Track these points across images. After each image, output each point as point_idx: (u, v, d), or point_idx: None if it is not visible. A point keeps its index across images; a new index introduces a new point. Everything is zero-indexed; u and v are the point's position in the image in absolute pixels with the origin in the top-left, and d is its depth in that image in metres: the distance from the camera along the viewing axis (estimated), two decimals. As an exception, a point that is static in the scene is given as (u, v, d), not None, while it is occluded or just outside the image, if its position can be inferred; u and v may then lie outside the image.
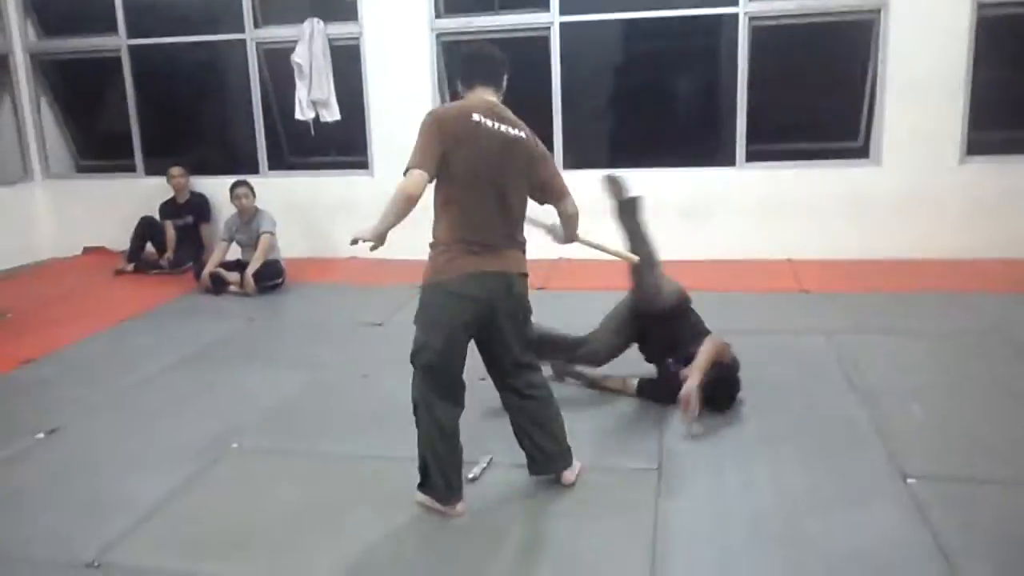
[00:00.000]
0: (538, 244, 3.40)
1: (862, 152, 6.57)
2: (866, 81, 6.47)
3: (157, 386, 4.51)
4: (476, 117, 2.91)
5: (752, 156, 6.67)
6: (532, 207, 3.09)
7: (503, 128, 2.94)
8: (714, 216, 6.68)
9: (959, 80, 6.16)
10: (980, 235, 6.26)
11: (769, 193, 6.59)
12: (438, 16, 6.88)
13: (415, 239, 6.47)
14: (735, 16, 6.39)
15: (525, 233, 3.10)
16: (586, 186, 4.13)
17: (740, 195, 6.64)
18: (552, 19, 6.60)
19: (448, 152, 2.86)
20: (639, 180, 6.63)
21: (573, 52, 6.74)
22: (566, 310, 5.30)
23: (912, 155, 6.31)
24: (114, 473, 3.50)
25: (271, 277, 6.41)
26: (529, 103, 6.86)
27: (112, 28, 7.48)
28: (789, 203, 6.58)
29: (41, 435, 3.86)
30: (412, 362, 3.03)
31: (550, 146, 6.81)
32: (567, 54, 6.71)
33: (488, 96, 3.03)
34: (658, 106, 7.27)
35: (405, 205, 2.86)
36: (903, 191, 6.34)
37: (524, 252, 3.08)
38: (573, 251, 3.79)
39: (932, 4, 6.07)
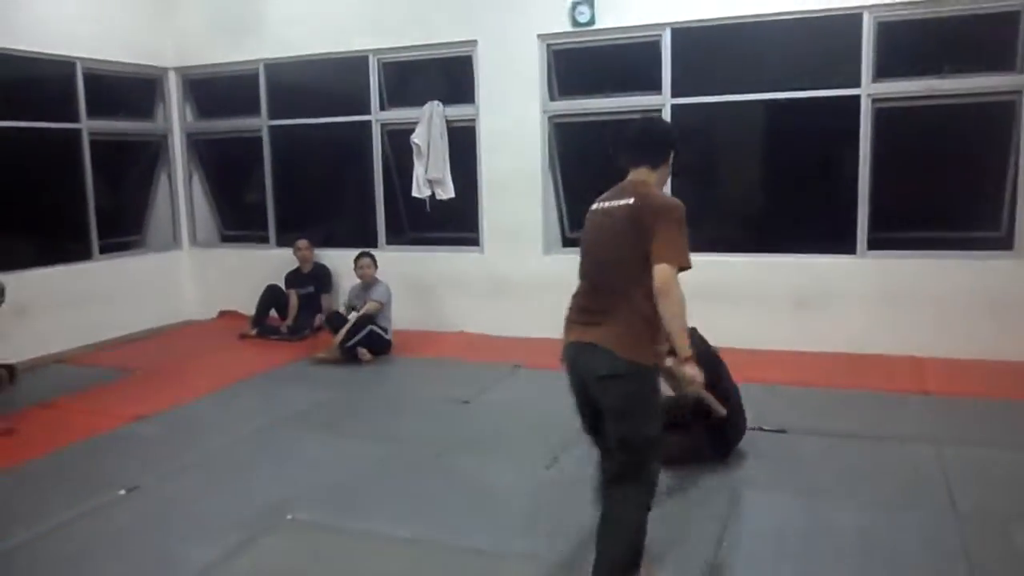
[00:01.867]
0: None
1: (1005, 243, 6.01)
2: (1008, 166, 5.96)
3: (241, 450, 4.69)
4: (595, 206, 3.06)
5: (877, 244, 6.25)
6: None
7: (611, 203, 2.98)
8: (831, 306, 6.28)
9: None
10: None
11: (893, 284, 6.13)
12: (552, 99, 6.99)
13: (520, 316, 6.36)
14: (857, 98, 6.09)
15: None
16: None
17: (860, 285, 6.21)
18: (664, 101, 6.54)
19: None
20: (753, 267, 6.50)
21: (685, 134, 6.62)
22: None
23: (1060, 247, 5.72)
24: (175, 536, 3.63)
25: (373, 343, 6.60)
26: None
27: (256, 111, 8.10)
28: (915, 295, 6.08)
29: (122, 492, 4.08)
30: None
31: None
32: (684, 133, 6.60)
33: (640, 176, 3.03)
34: (776, 190, 7.01)
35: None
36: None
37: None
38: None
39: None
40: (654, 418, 2.86)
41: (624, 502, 2.87)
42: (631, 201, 2.90)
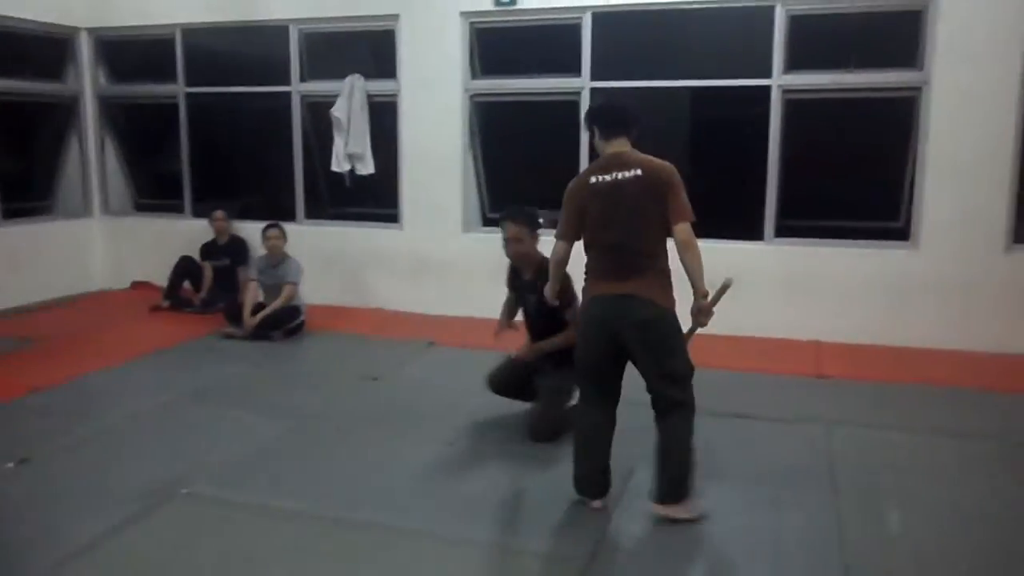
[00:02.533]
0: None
1: (902, 234, 6.26)
2: (907, 160, 6.20)
3: (139, 424, 4.61)
4: (594, 180, 3.42)
5: (784, 232, 6.45)
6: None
7: (618, 175, 3.38)
8: (740, 291, 6.42)
9: (1006, 163, 5.83)
10: (1024, 330, 5.85)
11: (798, 270, 6.34)
12: (474, 77, 6.98)
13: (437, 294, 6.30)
14: (768, 88, 6.24)
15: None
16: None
17: (768, 271, 6.40)
18: (584, 84, 6.60)
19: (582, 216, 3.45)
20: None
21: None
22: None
23: (954, 240, 5.97)
24: (64, 509, 3.56)
25: (284, 322, 6.51)
26: (556, 167, 6.98)
27: (173, 76, 7.88)
28: (820, 282, 6.30)
29: (11, 464, 3.98)
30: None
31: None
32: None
33: (623, 147, 3.47)
34: (692, 176, 7.10)
35: (556, 270, 3.67)
36: (943, 277, 5.98)
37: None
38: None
39: (976, 82, 5.78)
40: (687, 352, 3.53)
41: (681, 425, 3.45)
42: (639, 172, 3.35)
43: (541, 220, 4.57)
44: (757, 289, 6.40)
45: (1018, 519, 3.50)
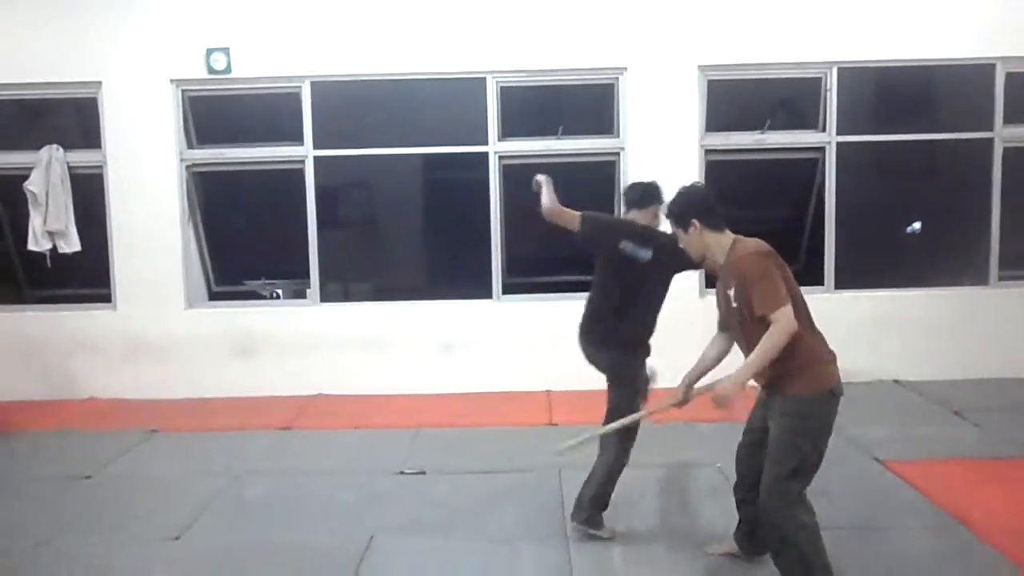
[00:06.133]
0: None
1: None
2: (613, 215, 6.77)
3: None
4: None
5: (511, 289, 6.76)
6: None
7: None
8: (474, 348, 6.66)
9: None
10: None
11: (526, 324, 6.66)
12: (191, 146, 6.68)
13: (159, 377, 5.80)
14: (486, 155, 6.59)
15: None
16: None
17: (499, 327, 6.66)
18: (306, 153, 6.56)
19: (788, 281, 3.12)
20: (404, 314, 6.70)
21: (329, 185, 6.71)
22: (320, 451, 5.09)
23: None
24: None
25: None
26: (284, 237, 6.84)
27: None
28: (547, 334, 6.63)
29: None
30: (792, 479, 3.07)
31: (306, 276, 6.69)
32: (326, 187, 6.67)
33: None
34: (423, 240, 7.34)
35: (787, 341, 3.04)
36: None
37: None
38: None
39: (663, 148, 6.49)
40: None
41: None
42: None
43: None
44: (489, 345, 6.64)
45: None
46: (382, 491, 4.57)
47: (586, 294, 6.66)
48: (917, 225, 7.24)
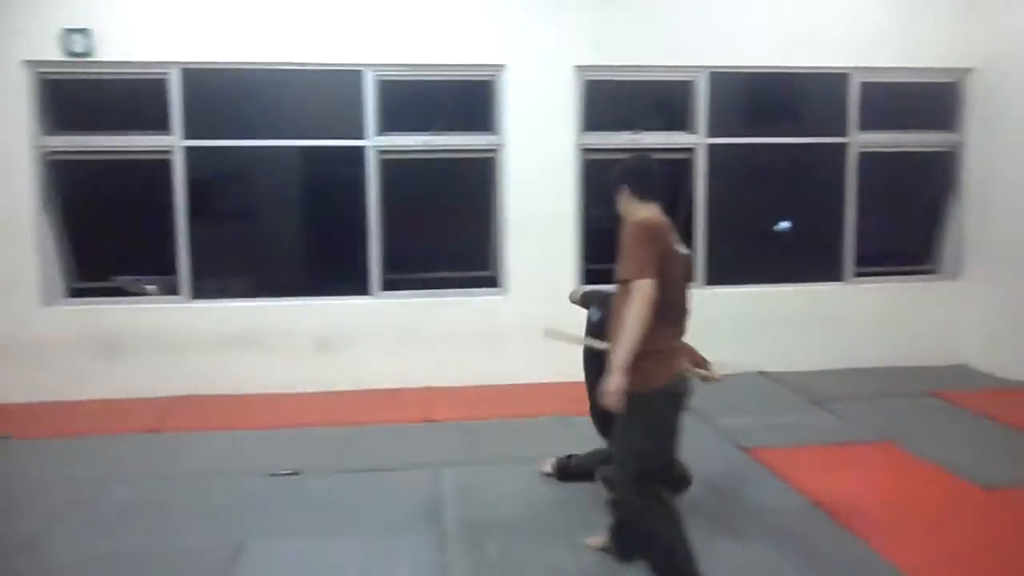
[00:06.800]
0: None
1: (494, 282, 6.85)
2: (490, 213, 6.82)
3: None
4: (673, 243, 3.20)
5: (390, 285, 6.69)
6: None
7: (679, 248, 3.27)
8: (352, 346, 6.55)
9: (569, 217, 6.68)
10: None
11: (405, 321, 6.61)
12: (46, 133, 6.26)
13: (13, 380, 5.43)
14: (364, 149, 6.49)
15: None
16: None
17: (376, 324, 6.58)
18: (175, 143, 6.26)
19: (660, 261, 3.07)
20: (280, 311, 6.52)
21: (200, 177, 6.45)
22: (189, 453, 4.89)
23: (534, 285, 6.66)
24: None
25: None
26: (149, 230, 6.54)
27: None
28: (425, 331, 6.63)
29: None
30: (637, 476, 3.12)
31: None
32: (197, 179, 6.41)
33: (658, 211, 3.30)
34: (301, 234, 7.15)
35: (649, 312, 3.00)
36: (528, 319, 6.60)
37: None
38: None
39: (541, 146, 6.58)
40: None
41: None
42: (688, 252, 3.36)
43: None
44: (367, 342, 6.56)
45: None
46: (254, 494, 4.44)
47: (465, 290, 6.76)
48: (786, 224, 7.61)
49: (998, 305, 6.91)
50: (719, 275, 6.95)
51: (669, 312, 3.12)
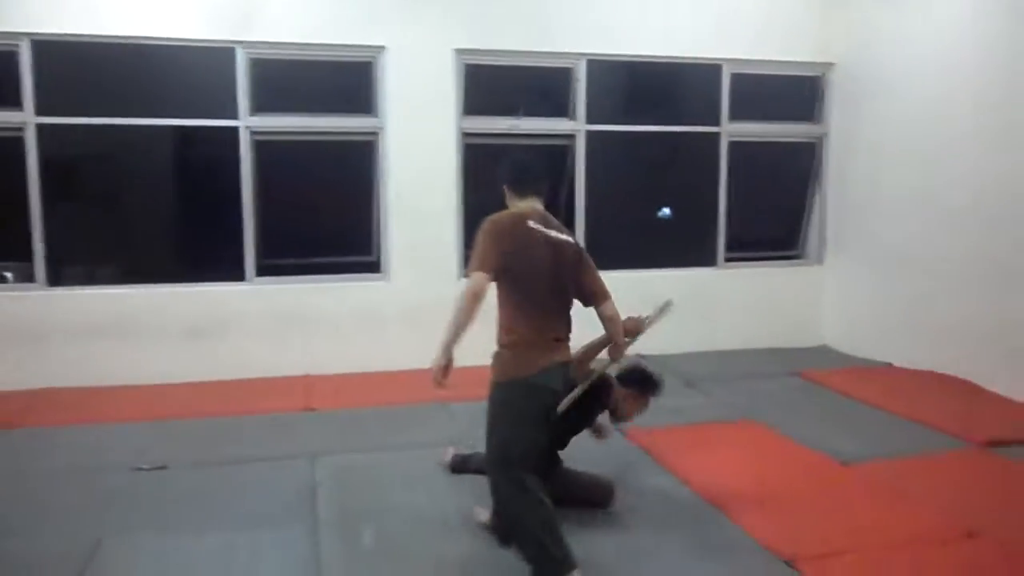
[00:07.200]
0: None
1: (375, 267, 6.74)
2: (372, 198, 6.71)
3: None
4: (534, 226, 3.26)
5: (266, 271, 6.50)
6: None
7: (556, 235, 3.32)
8: (226, 334, 6.33)
9: (451, 200, 6.65)
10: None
11: (283, 307, 6.44)
12: None
13: None
14: (236, 129, 6.26)
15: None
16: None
17: (253, 310, 6.38)
18: (27, 119, 5.86)
19: (508, 256, 3.16)
20: (147, 298, 6.22)
21: (57, 157, 6.08)
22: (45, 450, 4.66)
23: (415, 271, 6.61)
24: None
25: None
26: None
27: None
28: (305, 318, 6.48)
29: None
30: (500, 462, 3.20)
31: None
32: (54, 158, 6.03)
33: (539, 206, 3.39)
34: (172, 218, 6.84)
35: (474, 304, 3.09)
36: (409, 304, 6.56)
37: None
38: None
39: (421, 130, 6.52)
40: None
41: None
42: (571, 240, 3.40)
43: None
44: (242, 329, 6.36)
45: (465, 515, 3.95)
46: (115, 490, 4.22)
47: (345, 275, 6.64)
48: (667, 211, 7.81)
49: (856, 289, 7.33)
50: (598, 260, 7.03)
51: (528, 305, 3.24)
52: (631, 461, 4.66)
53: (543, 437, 3.33)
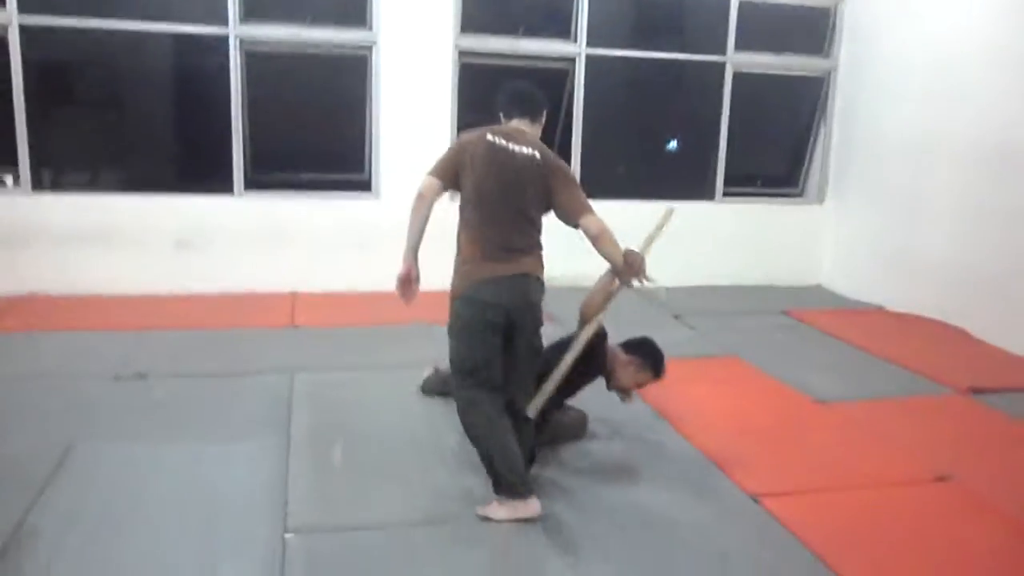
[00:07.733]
0: None
1: (366, 186, 6.64)
2: (365, 116, 6.56)
3: None
4: (492, 139, 3.26)
5: (256, 184, 6.41)
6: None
7: (515, 147, 3.26)
8: (213, 246, 6.28)
9: (445, 117, 6.51)
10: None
11: (271, 222, 6.37)
12: None
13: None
14: (226, 38, 6.08)
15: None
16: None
17: (241, 224, 6.32)
18: (9, 19, 5.70)
19: (462, 167, 3.26)
20: (134, 208, 6.15)
21: (43, 59, 5.92)
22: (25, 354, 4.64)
23: (409, 190, 6.48)
24: None
25: None
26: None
27: None
28: (294, 234, 6.42)
29: None
30: (456, 375, 3.31)
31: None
32: (39, 60, 5.88)
33: (523, 126, 3.40)
34: (161, 126, 6.71)
35: (418, 204, 3.39)
36: (400, 225, 6.46)
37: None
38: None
39: (417, 47, 6.33)
40: None
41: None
42: (536, 155, 3.27)
43: None
44: (229, 243, 6.31)
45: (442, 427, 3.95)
46: (93, 397, 4.23)
47: (336, 192, 6.54)
48: (674, 143, 7.65)
49: (855, 231, 7.22)
50: (592, 189, 6.92)
51: (475, 220, 3.28)
52: (612, 399, 4.64)
53: (493, 353, 3.25)
